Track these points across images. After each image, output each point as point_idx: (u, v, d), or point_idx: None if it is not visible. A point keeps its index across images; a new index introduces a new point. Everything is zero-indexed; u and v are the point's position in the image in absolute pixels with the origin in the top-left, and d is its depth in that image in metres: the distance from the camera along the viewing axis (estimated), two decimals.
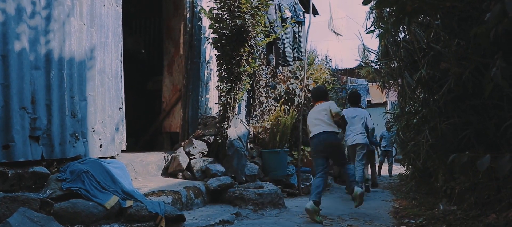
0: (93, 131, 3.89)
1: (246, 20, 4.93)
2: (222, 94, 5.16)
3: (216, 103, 5.73)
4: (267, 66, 6.97)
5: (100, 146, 3.98)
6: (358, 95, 6.64)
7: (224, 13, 5.05)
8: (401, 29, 4.48)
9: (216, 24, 5.07)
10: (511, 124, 2.95)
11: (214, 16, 5.09)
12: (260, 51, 6.34)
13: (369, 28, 5.02)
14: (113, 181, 3.32)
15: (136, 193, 3.36)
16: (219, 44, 5.09)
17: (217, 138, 5.08)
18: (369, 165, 7.36)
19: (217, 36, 5.10)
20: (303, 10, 7.76)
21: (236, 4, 4.92)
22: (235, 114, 5.29)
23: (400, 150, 7.51)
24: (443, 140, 3.90)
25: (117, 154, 4.27)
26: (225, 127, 5.05)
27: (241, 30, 4.95)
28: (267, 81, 6.97)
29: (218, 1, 5.05)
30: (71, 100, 3.62)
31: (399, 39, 4.45)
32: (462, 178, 3.97)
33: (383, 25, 4.64)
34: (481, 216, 3.35)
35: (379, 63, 5.47)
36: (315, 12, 9.01)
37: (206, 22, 5.61)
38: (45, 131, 3.33)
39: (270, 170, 5.74)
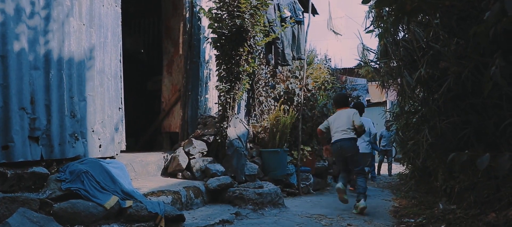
0: (93, 131, 3.88)
1: (245, 19, 4.93)
2: (221, 94, 5.16)
3: (215, 103, 5.73)
4: (267, 66, 6.97)
5: (100, 146, 3.98)
6: (362, 105, 6.87)
7: (223, 12, 5.05)
8: (400, 29, 4.49)
9: (215, 24, 5.06)
10: (510, 122, 2.95)
11: (213, 15, 5.09)
12: (259, 51, 6.33)
13: (368, 27, 5.04)
14: (113, 181, 3.32)
15: (135, 193, 3.36)
16: (218, 44, 5.09)
17: (217, 138, 5.08)
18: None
19: (216, 36, 5.10)
20: (302, 10, 7.75)
21: (235, 3, 4.91)
22: (235, 113, 5.28)
23: (400, 149, 7.52)
24: (443, 139, 3.90)
25: (117, 154, 4.27)
26: (225, 126, 5.04)
27: (240, 30, 4.95)
28: (267, 81, 6.97)
29: (217, 0, 5.05)
30: (71, 100, 3.62)
31: (398, 38, 4.46)
32: (462, 177, 3.97)
33: (382, 25, 4.65)
34: (480, 215, 3.35)
35: (378, 62, 5.48)
36: (314, 12, 9.00)
37: (205, 22, 5.61)
38: (44, 131, 3.33)
39: (270, 170, 5.74)
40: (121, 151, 4.39)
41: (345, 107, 5.03)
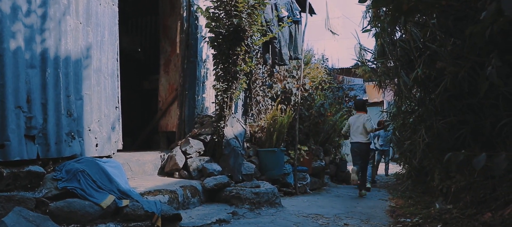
0: (89, 130, 3.87)
1: (243, 19, 4.92)
2: (218, 93, 5.15)
3: (212, 103, 5.72)
4: (264, 65, 6.96)
5: (96, 145, 3.96)
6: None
7: (221, 12, 5.04)
8: (397, 29, 4.49)
9: (213, 23, 5.06)
10: (506, 122, 2.96)
11: (211, 15, 5.08)
12: (256, 51, 6.33)
13: (365, 27, 5.03)
14: (109, 180, 3.31)
15: (132, 192, 3.35)
16: (215, 43, 5.08)
17: (214, 137, 5.07)
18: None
19: (213, 35, 5.09)
20: (300, 9, 7.74)
21: (232, 3, 4.91)
22: (232, 113, 5.28)
23: (397, 149, 7.54)
24: (439, 139, 3.91)
25: (113, 153, 4.25)
26: (222, 126, 5.04)
27: (237, 29, 4.94)
28: (264, 80, 6.97)
29: (214, 0, 5.04)
30: (67, 99, 3.60)
31: (395, 38, 4.46)
32: (458, 176, 3.98)
33: (379, 25, 4.65)
34: (477, 215, 3.36)
35: (375, 62, 5.48)
36: (312, 11, 8.98)
37: (202, 21, 5.59)
38: (40, 130, 3.31)
39: (267, 169, 5.74)
40: (118, 150, 4.37)
41: (362, 111, 6.45)
